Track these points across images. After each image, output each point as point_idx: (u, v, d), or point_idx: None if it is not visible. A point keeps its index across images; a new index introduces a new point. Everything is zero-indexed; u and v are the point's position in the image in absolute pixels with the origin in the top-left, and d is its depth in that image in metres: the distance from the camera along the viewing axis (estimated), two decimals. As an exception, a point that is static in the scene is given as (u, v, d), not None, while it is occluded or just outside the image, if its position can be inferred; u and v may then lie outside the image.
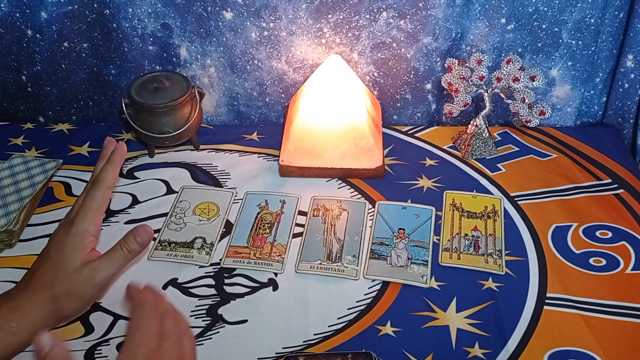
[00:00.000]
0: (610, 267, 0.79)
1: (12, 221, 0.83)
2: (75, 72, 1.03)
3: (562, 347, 0.70)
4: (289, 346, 0.71)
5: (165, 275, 0.80)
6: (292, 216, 0.87)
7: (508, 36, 0.96)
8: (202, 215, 0.88)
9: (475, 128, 0.96)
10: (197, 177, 0.95)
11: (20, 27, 0.99)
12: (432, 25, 0.95)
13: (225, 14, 0.96)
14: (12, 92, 1.07)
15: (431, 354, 0.69)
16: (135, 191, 0.92)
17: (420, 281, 0.78)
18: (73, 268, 0.68)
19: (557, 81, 1.00)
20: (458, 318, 0.73)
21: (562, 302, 0.75)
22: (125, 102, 0.94)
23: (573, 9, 0.93)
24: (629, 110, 1.01)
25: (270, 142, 1.01)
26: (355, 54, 0.99)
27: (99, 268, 0.69)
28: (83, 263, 0.68)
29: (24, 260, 0.82)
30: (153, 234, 0.73)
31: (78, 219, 0.70)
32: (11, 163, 0.94)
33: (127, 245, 0.70)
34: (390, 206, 0.88)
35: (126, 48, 0.99)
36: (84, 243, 0.69)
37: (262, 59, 1.00)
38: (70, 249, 0.69)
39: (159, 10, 0.96)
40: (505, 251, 0.81)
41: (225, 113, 1.06)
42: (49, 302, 0.67)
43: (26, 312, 0.66)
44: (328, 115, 0.90)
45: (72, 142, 1.02)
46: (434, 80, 1.01)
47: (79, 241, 0.69)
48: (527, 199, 0.89)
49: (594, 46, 0.96)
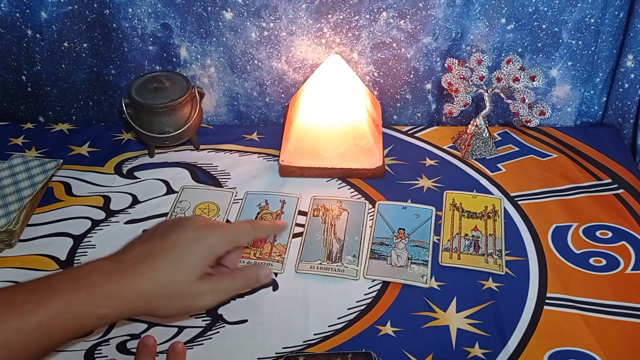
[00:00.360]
0: (610, 267, 0.79)
1: (12, 221, 0.83)
2: (75, 72, 1.03)
3: (562, 347, 0.70)
4: (289, 346, 0.71)
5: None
6: (292, 216, 0.87)
7: (508, 36, 0.96)
8: (202, 215, 0.88)
9: (475, 128, 0.96)
10: (197, 177, 0.95)
11: (20, 27, 0.99)
12: (432, 25, 0.95)
13: (225, 14, 0.96)
14: (12, 92, 1.07)
15: (431, 354, 0.69)
16: (136, 191, 0.92)
17: (420, 281, 0.78)
18: (194, 278, 0.62)
19: (557, 81, 1.00)
20: (458, 318, 0.73)
21: (562, 302, 0.75)
22: (125, 102, 0.94)
23: (573, 9, 0.93)
24: (629, 110, 1.01)
25: (270, 142, 1.01)
26: (355, 54, 0.99)
27: (217, 290, 0.64)
28: (199, 277, 0.63)
29: (24, 260, 0.82)
30: (272, 276, 0.70)
31: (224, 232, 0.66)
32: (11, 163, 0.94)
33: (248, 280, 0.67)
34: (390, 206, 0.88)
35: (126, 48, 0.99)
36: (211, 258, 0.64)
37: (262, 59, 1.00)
38: (199, 257, 0.63)
39: (159, 10, 0.96)
40: (505, 251, 0.81)
41: (225, 113, 1.06)
42: (152, 298, 0.61)
43: (124, 302, 0.60)
44: (328, 115, 0.90)
45: (72, 142, 1.02)
46: (434, 80, 1.01)
47: (210, 253, 0.64)
48: (527, 199, 0.89)
49: (594, 46, 0.96)
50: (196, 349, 0.71)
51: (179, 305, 0.63)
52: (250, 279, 0.67)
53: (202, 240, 0.64)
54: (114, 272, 0.60)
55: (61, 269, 0.80)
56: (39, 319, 0.56)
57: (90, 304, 0.58)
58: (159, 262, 0.62)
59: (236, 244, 0.68)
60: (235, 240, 0.67)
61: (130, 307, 0.61)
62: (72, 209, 0.89)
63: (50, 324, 0.57)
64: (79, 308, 0.58)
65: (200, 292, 0.63)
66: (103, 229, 0.86)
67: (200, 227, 0.65)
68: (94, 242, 0.84)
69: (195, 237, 0.64)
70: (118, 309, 0.60)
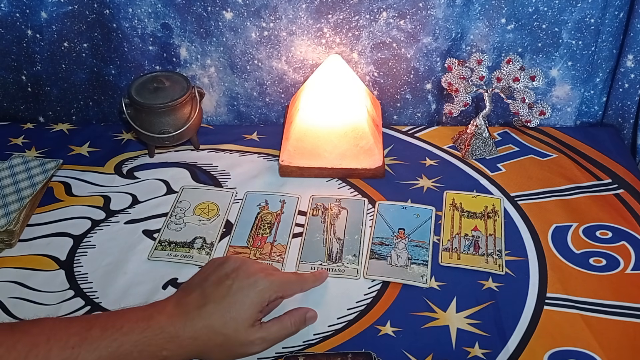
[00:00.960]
0: (610, 267, 0.79)
1: (12, 221, 0.83)
2: (75, 72, 1.03)
3: (562, 347, 0.70)
4: (289, 346, 0.71)
5: (165, 276, 0.80)
6: (292, 216, 0.87)
7: (508, 36, 0.96)
8: (202, 215, 0.88)
9: (475, 128, 0.96)
10: (197, 177, 0.95)
11: (20, 27, 0.99)
12: (432, 25, 0.95)
13: (225, 14, 0.96)
14: (12, 92, 1.07)
15: (431, 354, 0.69)
16: (135, 191, 0.92)
17: (420, 281, 0.78)
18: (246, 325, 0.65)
19: (557, 81, 1.00)
20: (458, 318, 0.73)
21: (562, 302, 0.74)
22: (125, 102, 0.94)
23: (573, 9, 0.93)
24: (629, 110, 1.01)
25: (270, 142, 1.01)
26: (355, 54, 0.99)
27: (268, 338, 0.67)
28: (251, 325, 0.65)
29: (24, 260, 0.82)
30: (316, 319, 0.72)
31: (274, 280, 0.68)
32: (11, 163, 0.94)
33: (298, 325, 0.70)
34: (390, 206, 0.88)
35: (126, 48, 0.99)
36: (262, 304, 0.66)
37: (262, 59, 1.00)
38: (250, 303, 0.66)
39: (159, 10, 0.96)
40: (505, 251, 0.81)
41: (225, 113, 1.06)
42: (206, 345, 0.64)
43: (181, 346, 0.63)
44: (328, 115, 0.90)
45: (72, 142, 1.02)
46: (434, 80, 1.01)
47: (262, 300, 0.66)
48: (527, 199, 0.89)
49: (594, 46, 0.96)
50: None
51: (230, 353, 0.66)
52: (300, 322, 0.70)
53: (254, 287, 0.66)
54: (176, 316, 0.64)
55: (62, 269, 0.80)
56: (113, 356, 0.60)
57: (154, 345, 0.62)
58: (213, 310, 0.64)
59: (282, 293, 0.70)
60: (282, 290, 0.70)
61: (187, 350, 0.64)
62: (72, 209, 0.89)
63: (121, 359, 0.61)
64: (145, 348, 0.61)
65: (251, 340, 0.66)
66: (103, 229, 0.86)
67: (253, 274, 0.67)
68: (94, 242, 0.84)
69: (248, 285, 0.66)
70: (177, 353, 0.63)
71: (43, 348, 0.58)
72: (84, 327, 0.61)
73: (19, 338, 0.58)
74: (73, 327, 0.61)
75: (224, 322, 0.64)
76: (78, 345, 0.59)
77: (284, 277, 0.72)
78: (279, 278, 0.70)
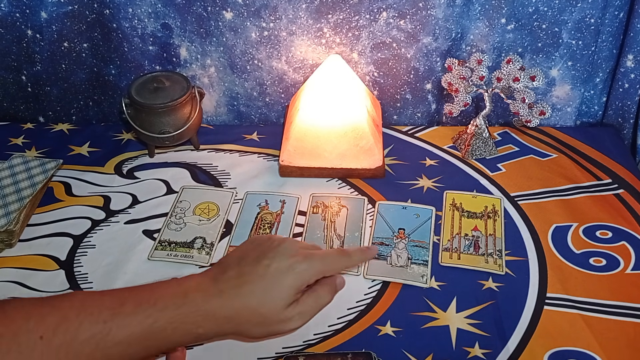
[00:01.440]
0: (610, 267, 0.79)
1: (12, 221, 0.83)
2: (75, 72, 1.03)
3: (562, 347, 0.70)
4: (289, 346, 0.71)
5: (165, 276, 0.78)
6: (292, 216, 0.87)
7: (508, 36, 0.96)
8: (202, 215, 0.88)
9: (475, 128, 0.96)
10: (197, 177, 0.95)
11: (20, 27, 0.99)
12: (432, 25, 0.95)
13: (225, 14, 0.96)
14: (12, 92, 1.07)
15: (431, 354, 0.69)
16: (136, 191, 0.92)
17: (420, 281, 0.78)
18: (283, 306, 0.63)
19: (557, 81, 1.00)
20: (458, 318, 0.73)
21: (562, 302, 0.75)
22: (125, 102, 0.94)
23: (573, 9, 0.93)
24: (629, 110, 1.01)
25: (270, 142, 1.01)
26: (355, 54, 0.99)
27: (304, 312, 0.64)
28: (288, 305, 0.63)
29: (24, 260, 0.82)
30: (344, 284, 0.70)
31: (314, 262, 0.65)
32: (11, 163, 0.94)
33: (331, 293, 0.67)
34: (390, 206, 0.88)
35: (126, 48, 0.99)
36: (300, 288, 0.64)
37: (262, 59, 1.00)
38: (289, 286, 0.63)
39: (159, 10, 0.96)
40: (505, 251, 0.81)
41: (225, 113, 1.06)
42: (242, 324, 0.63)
43: (217, 324, 0.62)
44: (328, 115, 0.90)
45: (72, 142, 1.02)
46: (434, 80, 1.01)
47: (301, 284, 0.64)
48: (527, 199, 0.89)
49: (594, 46, 0.96)
50: (196, 349, 0.71)
51: (267, 330, 0.64)
52: (332, 290, 0.67)
53: (293, 270, 0.64)
54: (212, 294, 0.62)
55: (62, 269, 0.80)
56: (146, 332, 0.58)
57: (190, 323, 0.60)
58: (251, 291, 0.62)
59: (323, 274, 0.67)
60: (322, 271, 0.67)
61: (223, 329, 0.62)
62: (72, 209, 0.89)
63: (156, 337, 0.58)
64: (180, 325, 0.60)
65: (290, 317, 0.64)
66: (103, 229, 0.86)
67: (293, 255, 0.65)
68: (94, 242, 0.84)
69: (287, 267, 0.64)
70: (213, 330, 0.62)
71: (73, 322, 0.56)
72: (116, 301, 0.59)
73: (49, 311, 0.56)
74: (105, 301, 0.59)
75: (261, 303, 0.62)
76: (110, 319, 0.57)
77: (325, 256, 0.68)
78: (320, 258, 0.66)
